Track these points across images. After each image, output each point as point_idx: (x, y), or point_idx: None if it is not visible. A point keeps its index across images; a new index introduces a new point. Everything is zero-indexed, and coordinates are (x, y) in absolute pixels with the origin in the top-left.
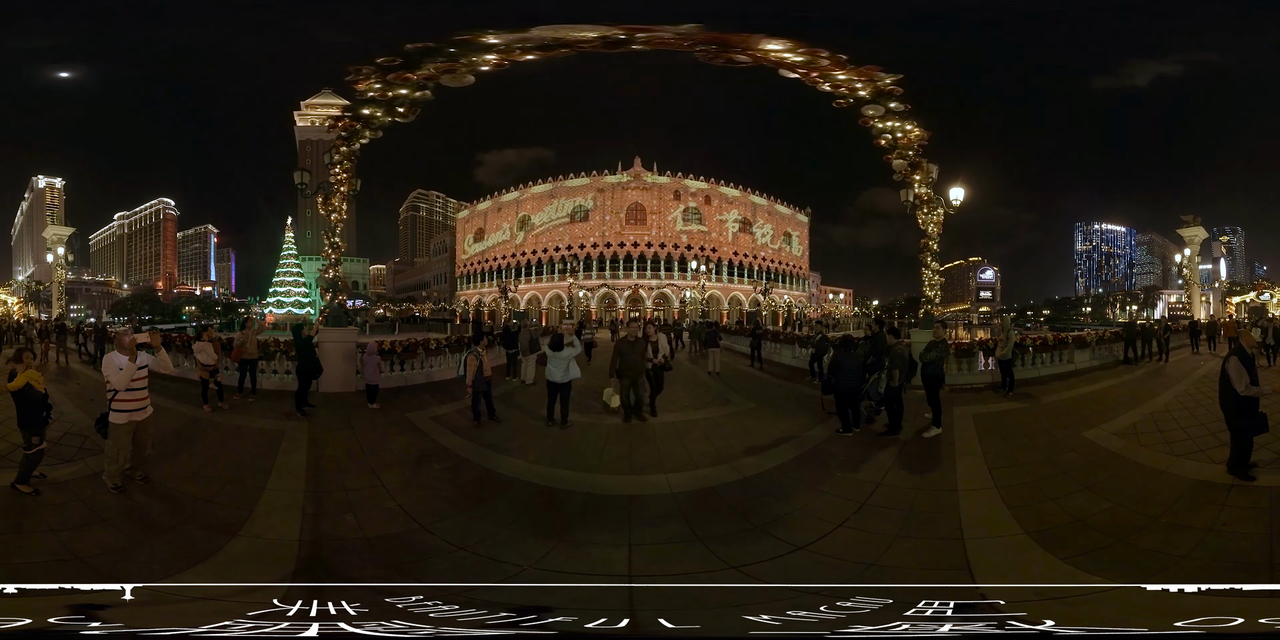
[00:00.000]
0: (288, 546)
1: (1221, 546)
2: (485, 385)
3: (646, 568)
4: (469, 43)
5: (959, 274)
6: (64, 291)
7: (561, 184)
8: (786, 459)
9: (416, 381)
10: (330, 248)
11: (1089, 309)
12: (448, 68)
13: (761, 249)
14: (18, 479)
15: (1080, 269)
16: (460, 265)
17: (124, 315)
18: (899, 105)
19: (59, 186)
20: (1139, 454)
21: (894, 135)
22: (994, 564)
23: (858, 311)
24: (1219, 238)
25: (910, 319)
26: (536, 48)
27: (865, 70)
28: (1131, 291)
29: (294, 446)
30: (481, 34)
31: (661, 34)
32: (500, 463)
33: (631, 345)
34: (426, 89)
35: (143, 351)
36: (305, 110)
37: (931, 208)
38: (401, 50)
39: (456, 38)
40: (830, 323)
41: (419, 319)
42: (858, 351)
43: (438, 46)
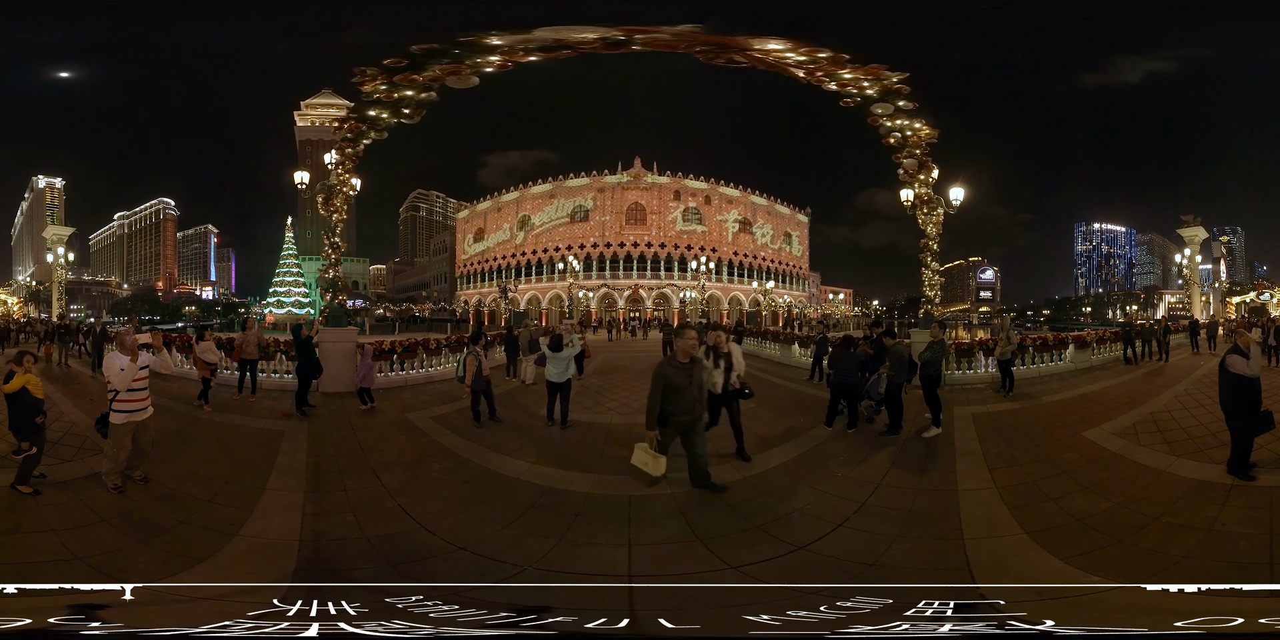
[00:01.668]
0: (288, 546)
1: (1221, 546)
2: (484, 385)
3: (646, 568)
4: (473, 44)
5: (959, 274)
6: (64, 291)
7: (561, 184)
8: (787, 459)
9: (416, 381)
10: (330, 248)
11: (1089, 309)
12: (453, 69)
13: (761, 249)
14: (17, 479)
15: (1080, 269)
16: (460, 265)
17: (124, 315)
18: (907, 103)
19: (59, 186)
20: (1139, 454)
21: (903, 134)
22: (994, 564)
23: (858, 311)
24: (1219, 238)
25: (910, 319)
26: (539, 49)
27: (871, 69)
28: (1131, 291)
29: (294, 446)
30: (485, 35)
31: (660, 35)
32: (500, 463)
33: (685, 371)
34: (432, 90)
35: (144, 352)
36: (305, 110)
37: (932, 208)
38: (407, 52)
39: (461, 39)
40: (830, 323)
41: (419, 319)
42: (856, 351)
43: (443, 48)
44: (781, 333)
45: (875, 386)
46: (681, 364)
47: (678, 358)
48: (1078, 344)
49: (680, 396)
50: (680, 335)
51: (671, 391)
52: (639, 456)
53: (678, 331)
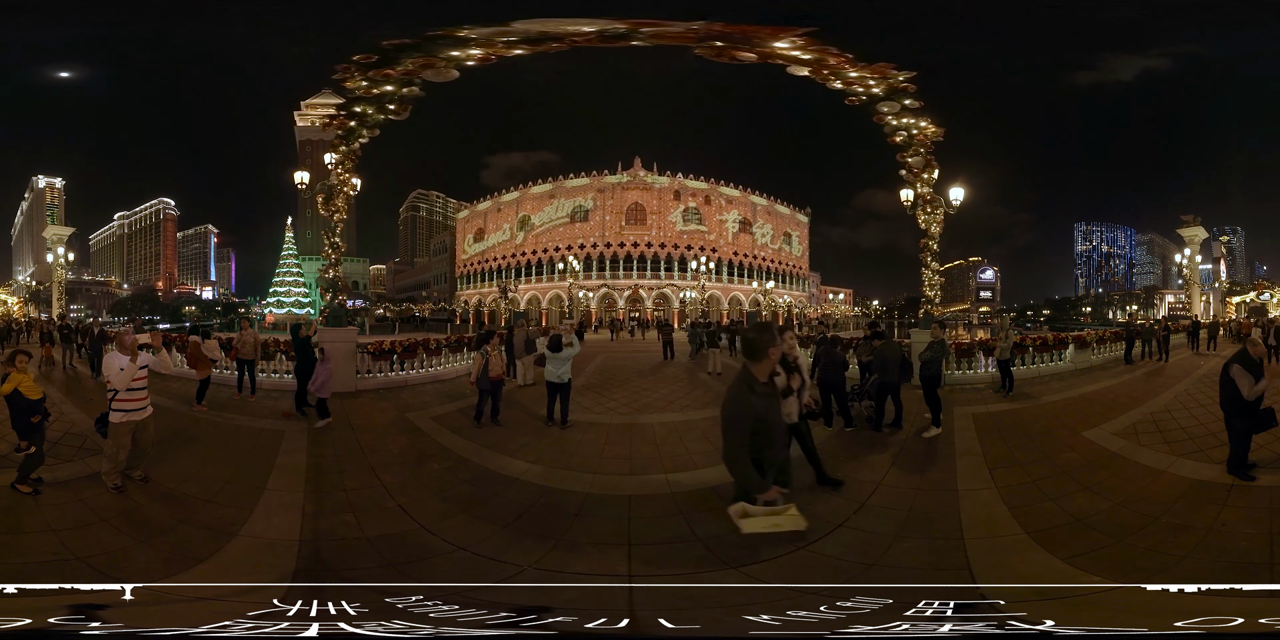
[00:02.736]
0: (288, 546)
1: (1221, 546)
2: (490, 385)
3: (646, 568)
4: (443, 38)
5: (959, 274)
6: (64, 291)
7: (561, 184)
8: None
9: (417, 381)
10: (330, 248)
11: (1089, 309)
12: (427, 63)
13: (761, 249)
14: (17, 479)
15: (1080, 269)
16: (460, 265)
17: (124, 315)
18: (913, 102)
19: (59, 186)
20: (1139, 454)
21: (909, 132)
22: (994, 564)
23: (858, 311)
24: (1219, 238)
25: (910, 319)
26: (523, 41)
27: (878, 67)
28: (1131, 291)
29: (294, 446)
30: (456, 29)
31: (664, 29)
32: (500, 463)
33: (770, 395)
34: (413, 85)
35: (144, 352)
36: (305, 110)
37: (932, 207)
38: (378, 47)
39: (429, 34)
40: (830, 323)
41: (419, 319)
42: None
43: (413, 43)
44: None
45: (874, 387)
46: (764, 386)
47: (758, 378)
48: (1078, 344)
49: (774, 431)
50: (770, 345)
51: (763, 428)
52: (764, 521)
53: (760, 337)
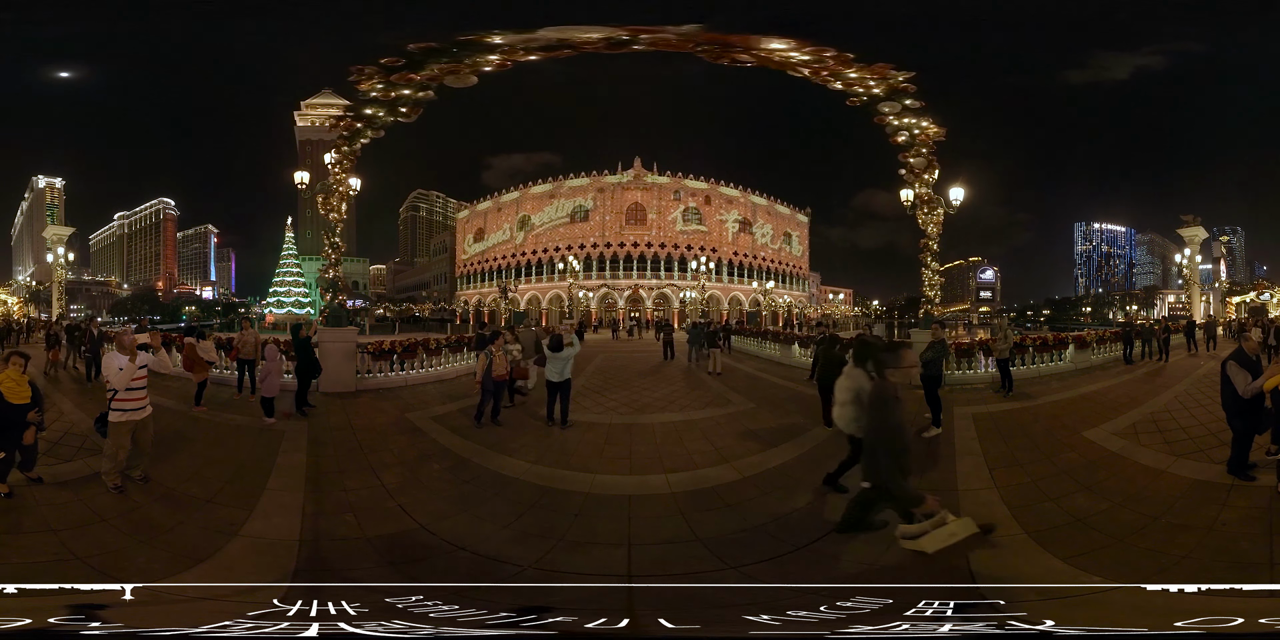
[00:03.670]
0: (288, 546)
1: (1221, 546)
2: (494, 385)
3: (646, 568)
4: (474, 43)
5: (959, 274)
6: (64, 291)
7: (561, 184)
8: (787, 459)
9: (415, 381)
10: (330, 248)
11: (1089, 309)
12: (451, 68)
13: (761, 249)
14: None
15: (1080, 269)
16: (460, 265)
17: (124, 315)
18: (914, 102)
19: (59, 186)
20: (1139, 454)
21: (911, 132)
22: (994, 564)
23: (857, 311)
24: (1219, 238)
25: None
26: (540, 48)
27: (877, 68)
28: (1131, 291)
29: (294, 446)
30: (487, 34)
31: (664, 35)
32: (500, 463)
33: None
34: (429, 89)
35: (143, 351)
36: (305, 110)
37: (932, 208)
38: (405, 51)
39: (460, 38)
40: (830, 323)
41: (419, 319)
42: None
43: (441, 47)
44: (781, 333)
45: None
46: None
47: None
48: (1078, 344)
49: (909, 440)
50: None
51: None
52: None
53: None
